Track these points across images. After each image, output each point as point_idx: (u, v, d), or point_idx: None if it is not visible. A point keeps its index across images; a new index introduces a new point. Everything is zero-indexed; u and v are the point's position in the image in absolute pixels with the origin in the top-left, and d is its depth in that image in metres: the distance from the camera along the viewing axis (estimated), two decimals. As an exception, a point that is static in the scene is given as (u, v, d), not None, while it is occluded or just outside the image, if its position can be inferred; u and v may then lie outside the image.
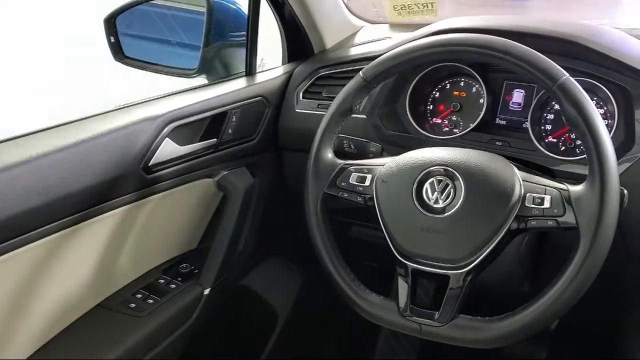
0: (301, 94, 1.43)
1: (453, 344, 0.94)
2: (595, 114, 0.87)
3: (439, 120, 1.32)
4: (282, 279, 1.73)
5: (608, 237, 0.84)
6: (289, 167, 1.49)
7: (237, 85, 1.38)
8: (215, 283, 1.30)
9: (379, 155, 1.18)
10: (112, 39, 1.38)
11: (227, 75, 1.47)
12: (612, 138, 1.07)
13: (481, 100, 1.24)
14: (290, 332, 1.70)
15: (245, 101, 1.35)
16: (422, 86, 1.31)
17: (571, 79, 0.89)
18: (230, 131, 1.32)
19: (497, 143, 1.20)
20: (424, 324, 0.94)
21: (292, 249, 1.66)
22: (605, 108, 1.14)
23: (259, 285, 1.65)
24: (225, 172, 1.34)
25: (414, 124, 1.27)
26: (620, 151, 1.05)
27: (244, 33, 1.42)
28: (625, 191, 0.96)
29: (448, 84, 1.31)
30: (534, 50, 0.91)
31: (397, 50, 1.02)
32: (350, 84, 1.05)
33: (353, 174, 1.04)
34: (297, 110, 1.42)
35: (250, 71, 1.44)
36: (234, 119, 1.32)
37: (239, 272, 1.49)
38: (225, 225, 1.33)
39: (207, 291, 1.28)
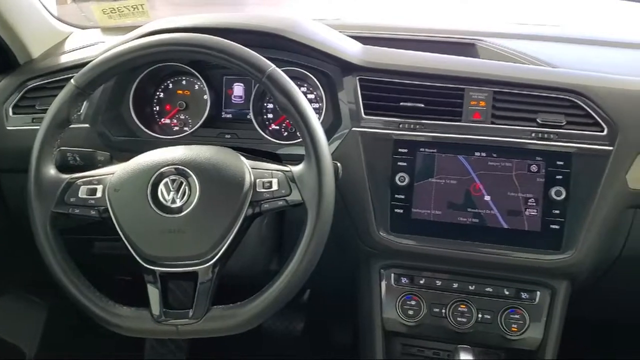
0: (11, 110, 1.31)
1: (213, 335, 0.96)
2: (303, 100, 0.96)
3: (167, 120, 1.33)
4: (24, 314, 1.57)
5: (329, 206, 0.94)
6: (8, 190, 1.35)
7: None
8: None
9: (108, 163, 1.14)
10: None
11: None
12: (323, 120, 1.21)
13: (205, 97, 1.28)
14: (43, 369, 1.55)
15: None
16: (144, 88, 1.29)
17: (278, 69, 0.97)
18: None
19: (226, 136, 1.25)
20: (180, 324, 0.95)
21: (30, 279, 1.51)
22: (315, 93, 1.27)
23: (-2, 326, 1.47)
24: None
25: (142, 126, 1.26)
26: (332, 130, 1.18)
27: None
28: (339, 164, 1.08)
29: (171, 84, 1.32)
30: (241, 45, 0.97)
31: (108, 54, 0.99)
32: (62, 94, 0.99)
33: (82, 187, 0.99)
34: (8, 127, 1.30)
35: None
36: None
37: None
38: None
39: None
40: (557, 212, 1.10)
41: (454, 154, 1.14)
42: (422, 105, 1.17)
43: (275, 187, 0.96)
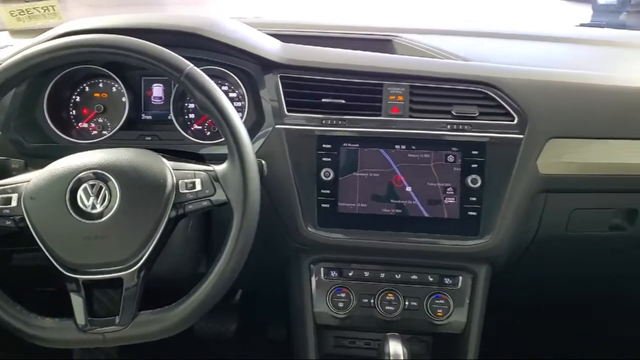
0: None
1: (141, 341, 0.95)
2: (223, 98, 0.96)
3: (85, 125, 1.29)
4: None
5: (255, 204, 0.94)
6: None
7: None
8: None
9: (23, 171, 1.09)
10: None
11: None
12: (246, 118, 1.22)
13: (123, 99, 1.25)
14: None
15: None
16: (59, 92, 1.25)
17: (196, 68, 0.96)
18: None
19: (147, 138, 1.23)
20: (107, 332, 0.93)
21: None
22: (237, 92, 1.27)
23: None
24: None
25: (58, 131, 1.22)
26: (255, 128, 1.19)
27: None
28: (264, 162, 1.09)
29: (87, 87, 1.29)
30: (157, 45, 0.96)
31: (18, 57, 0.96)
32: None
33: None
34: None
35: None
36: None
37: None
38: None
39: None
40: (474, 199, 1.15)
41: (376, 148, 1.17)
42: (343, 101, 1.19)
43: (198, 187, 0.95)
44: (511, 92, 1.17)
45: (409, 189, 1.17)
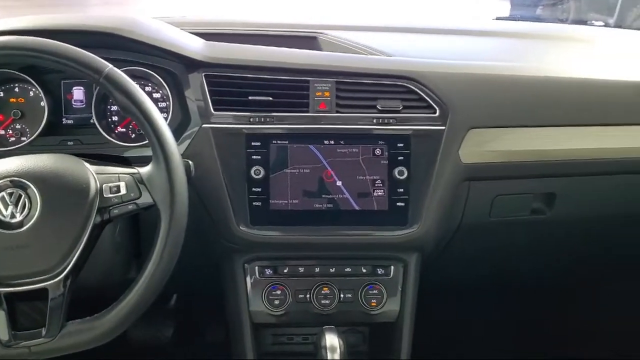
0: None
1: (71, 351, 0.92)
2: (145, 99, 0.94)
3: (2, 132, 1.23)
4: None
5: (183, 206, 0.93)
6: None
7: None
8: None
9: None
10: None
11: None
12: (172, 118, 1.20)
13: (42, 104, 1.20)
14: None
15: None
16: None
17: (115, 69, 0.94)
18: None
19: (69, 143, 1.19)
20: (33, 345, 0.90)
21: None
22: (161, 92, 1.24)
23: None
24: None
25: None
26: (181, 129, 1.17)
27: None
28: (191, 162, 1.08)
29: (1, 92, 1.23)
30: (73, 46, 0.93)
31: None
32: None
33: None
34: None
35: None
36: None
37: None
38: None
39: None
40: (401, 190, 1.18)
41: (305, 144, 1.18)
42: (271, 99, 1.19)
43: (123, 191, 0.94)
44: (432, 85, 1.20)
45: (339, 183, 1.18)
